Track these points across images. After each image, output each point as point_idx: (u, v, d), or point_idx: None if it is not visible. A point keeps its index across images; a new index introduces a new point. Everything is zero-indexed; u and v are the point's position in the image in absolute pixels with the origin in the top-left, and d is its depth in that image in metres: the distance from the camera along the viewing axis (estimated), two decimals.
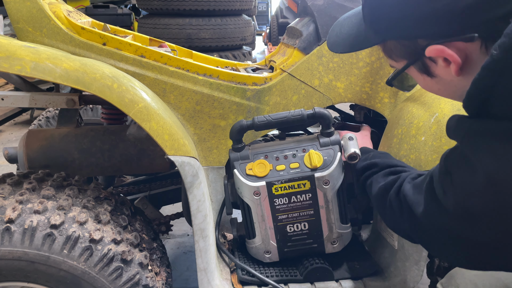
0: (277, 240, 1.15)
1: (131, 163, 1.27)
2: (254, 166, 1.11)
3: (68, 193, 1.02)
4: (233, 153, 1.14)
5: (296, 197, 1.11)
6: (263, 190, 1.10)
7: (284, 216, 1.13)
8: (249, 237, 1.17)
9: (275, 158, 1.13)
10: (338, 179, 1.11)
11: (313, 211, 1.12)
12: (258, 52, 8.99)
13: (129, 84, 1.00)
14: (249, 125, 1.11)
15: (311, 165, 1.09)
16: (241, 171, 1.11)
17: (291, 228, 1.14)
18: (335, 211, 1.13)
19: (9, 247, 0.91)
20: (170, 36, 3.76)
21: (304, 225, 1.14)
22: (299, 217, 1.13)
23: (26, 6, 1.09)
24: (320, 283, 1.16)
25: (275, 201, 1.11)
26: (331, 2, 1.28)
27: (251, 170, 1.11)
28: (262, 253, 1.17)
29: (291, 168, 1.11)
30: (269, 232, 1.14)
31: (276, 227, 1.14)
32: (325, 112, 1.12)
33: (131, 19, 5.22)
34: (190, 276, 1.84)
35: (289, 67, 1.28)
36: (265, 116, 1.11)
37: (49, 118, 1.90)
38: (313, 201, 1.11)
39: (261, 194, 1.10)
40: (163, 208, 1.66)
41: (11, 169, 2.66)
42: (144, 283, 1.02)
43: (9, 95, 1.08)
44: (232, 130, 1.12)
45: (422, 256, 1.14)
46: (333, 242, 1.17)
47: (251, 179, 1.10)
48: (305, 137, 1.19)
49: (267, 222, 1.13)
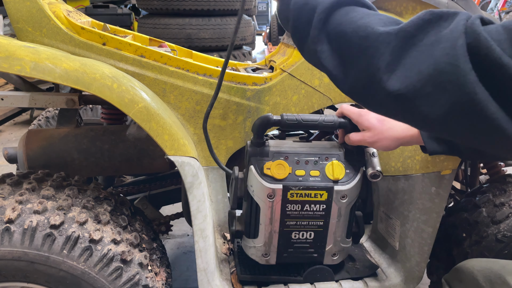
0: (279, 244, 1.11)
1: (131, 163, 1.27)
2: (273, 166, 1.05)
3: (67, 193, 1.02)
4: (252, 148, 1.07)
5: (310, 206, 1.06)
6: (278, 193, 1.05)
7: (293, 222, 1.08)
8: (250, 236, 1.14)
9: (296, 161, 1.07)
10: (355, 195, 1.07)
11: (323, 222, 1.08)
12: (258, 52, 8.98)
13: (129, 84, 0.99)
14: (276, 121, 1.04)
15: (333, 176, 1.05)
16: (258, 169, 1.05)
17: (296, 235, 1.10)
18: (343, 225, 1.10)
19: (8, 247, 0.90)
20: (170, 36, 3.76)
21: (310, 234, 1.10)
22: (307, 226, 1.09)
23: (26, 6, 1.09)
24: (320, 284, 1.16)
25: (287, 206, 1.06)
26: None
27: (269, 170, 1.05)
28: (260, 255, 1.14)
29: (311, 175, 1.06)
30: (273, 236, 1.10)
31: (282, 232, 1.09)
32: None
33: (131, 19, 5.21)
34: (190, 276, 1.84)
35: (289, 67, 1.28)
36: (295, 116, 1.04)
37: (49, 118, 1.90)
38: (326, 213, 1.07)
39: (275, 197, 1.05)
40: (163, 208, 1.66)
41: (11, 169, 2.66)
42: (144, 283, 1.02)
43: (9, 95, 1.08)
44: (257, 123, 1.06)
45: (423, 257, 1.14)
46: (334, 255, 1.13)
47: (267, 179, 1.04)
48: (328, 144, 1.14)
49: (273, 225, 1.08)
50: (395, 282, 1.17)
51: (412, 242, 1.14)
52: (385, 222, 1.26)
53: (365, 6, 0.67)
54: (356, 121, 1.01)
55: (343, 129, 1.08)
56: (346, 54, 0.62)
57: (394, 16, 1.27)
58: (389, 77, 0.54)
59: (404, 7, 1.29)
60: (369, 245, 1.33)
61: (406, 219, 1.16)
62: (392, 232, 1.22)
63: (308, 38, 0.69)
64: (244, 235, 1.16)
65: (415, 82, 0.51)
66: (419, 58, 0.51)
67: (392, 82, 0.54)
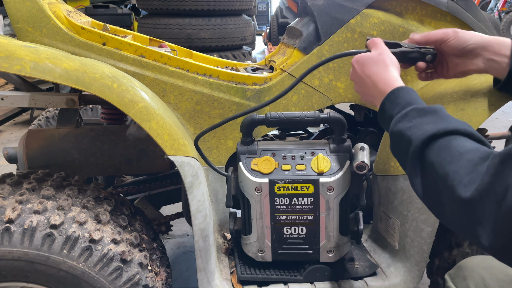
0: (272, 240, 1.14)
1: (131, 163, 1.27)
2: (260, 162, 1.10)
3: (68, 193, 1.02)
4: (241, 146, 1.13)
5: (298, 200, 1.10)
6: (265, 187, 1.09)
7: (283, 217, 1.11)
8: (245, 233, 1.16)
9: (282, 157, 1.11)
10: (343, 188, 1.09)
11: (313, 216, 1.11)
12: (258, 52, 8.99)
13: (129, 84, 1.00)
14: (261, 120, 1.09)
15: (318, 169, 1.08)
16: (246, 165, 1.10)
17: (288, 230, 1.13)
18: (335, 220, 1.11)
19: (8, 247, 0.90)
20: (170, 36, 3.75)
21: (302, 229, 1.12)
22: (298, 220, 1.12)
23: (26, 6, 1.09)
24: (320, 283, 1.16)
25: (275, 200, 1.10)
26: (331, 2, 1.28)
27: (256, 165, 1.10)
28: (255, 251, 1.16)
29: (297, 169, 1.10)
30: (265, 231, 1.13)
31: (273, 226, 1.12)
32: (339, 118, 1.10)
33: (131, 19, 5.21)
34: (190, 276, 1.84)
35: (289, 67, 1.28)
36: (278, 114, 1.09)
37: (49, 118, 1.90)
38: (314, 206, 1.10)
39: (263, 191, 1.09)
40: (163, 208, 1.66)
41: (11, 169, 2.66)
42: (144, 283, 1.02)
43: (9, 95, 1.08)
44: (243, 123, 1.11)
45: (423, 257, 1.14)
46: (329, 251, 1.14)
47: (255, 174, 1.09)
48: (316, 141, 1.18)
49: (264, 220, 1.12)
50: (395, 282, 1.17)
51: (411, 241, 1.14)
52: (385, 222, 1.26)
53: (461, 133, 0.66)
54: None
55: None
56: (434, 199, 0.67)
57: (394, 16, 1.27)
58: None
59: (404, 7, 1.29)
60: (369, 245, 1.33)
61: (405, 219, 1.16)
62: (391, 232, 1.22)
63: (406, 168, 0.72)
64: (241, 233, 1.18)
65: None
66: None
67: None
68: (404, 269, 1.17)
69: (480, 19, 1.32)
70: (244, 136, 1.13)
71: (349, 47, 1.27)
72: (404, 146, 0.72)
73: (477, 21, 1.30)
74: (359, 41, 1.27)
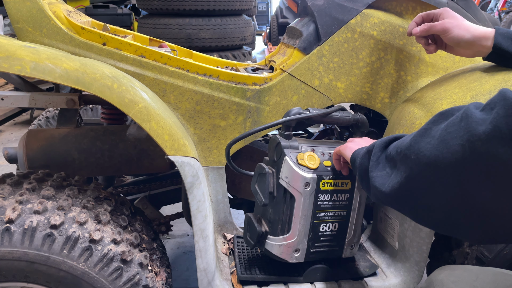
0: (309, 238, 1.10)
1: (131, 163, 1.27)
2: (305, 157, 1.07)
3: (68, 193, 1.02)
4: (283, 141, 1.08)
5: (337, 196, 1.09)
6: (313, 183, 1.05)
7: (322, 213, 1.09)
8: (281, 233, 1.09)
9: (321, 153, 1.11)
10: None
11: (346, 212, 1.12)
12: (258, 52, 8.99)
13: (129, 84, 1.00)
14: (305, 116, 1.09)
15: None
16: (293, 160, 1.06)
17: (324, 227, 1.11)
18: (361, 215, 1.14)
19: (9, 247, 0.90)
20: (170, 36, 3.75)
21: (335, 226, 1.12)
22: (333, 217, 1.11)
23: (26, 6, 1.09)
24: (320, 283, 1.16)
25: (319, 196, 1.07)
26: (331, 2, 1.28)
27: (302, 160, 1.06)
28: (290, 252, 1.09)
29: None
30: (305, 229, 1.09)
31: (312, 224, 1.09)
32: (366, 119, 1.16)
33: (131, 19, 5.21)
34: (190, 276, 1.84)
35: (289, 67, 1.28)
36: (320, 110, 1.12)
37: (49, 118, 1.90)
38: (349, 202, 1.11)
39: (310, 187, 1.06)
40: (163, 208, 1.66)
41: (11, 169, 2.66)
42: (144, 283, 1.02)
43: (9, 95, 1.08)
44: (288, 114, 1.09)
45: (423, 257, 1.15)
46: (352, 246, 1.16)
47: (303, 169, 1.05)
48: (339, 141, 1.21)
49: (307, 217, 1.08)
50: (395, 282, 1.17)
51: (410, 241, 1.15)
52: (385, 222, 1.26)
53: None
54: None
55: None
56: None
57: (394, 16, 1.28)
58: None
59: (404, 7, 1.29)
60: (369, 245, 1.33)
61: (404, 219, 1.16)
62: (391, 232, 1.23)
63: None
64: (269, 235, 1.11)
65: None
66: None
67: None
68: (404, 269, 1.17)
69: (480, 19, 1.32)
70: (284, 128, 1.10)
71: (349, 47, 1.27)
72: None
73: (477, 21, 1.30)
74: (359, 41, 1.27)
